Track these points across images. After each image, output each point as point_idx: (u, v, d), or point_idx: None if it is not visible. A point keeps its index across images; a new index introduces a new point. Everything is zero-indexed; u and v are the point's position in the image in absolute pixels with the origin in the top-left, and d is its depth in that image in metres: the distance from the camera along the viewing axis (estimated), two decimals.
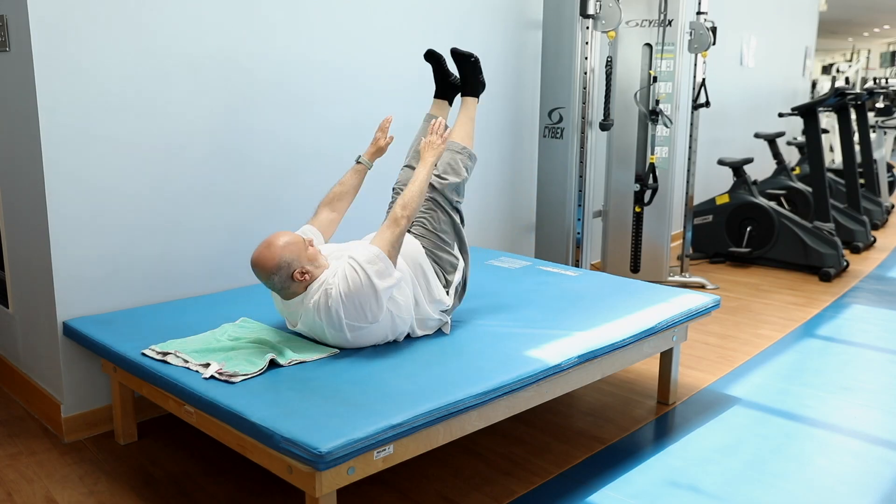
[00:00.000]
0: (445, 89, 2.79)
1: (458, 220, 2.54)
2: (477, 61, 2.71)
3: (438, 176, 2.52)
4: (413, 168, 2.62)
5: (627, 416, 2.81)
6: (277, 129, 3.05)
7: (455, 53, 2.71)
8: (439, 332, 2.44)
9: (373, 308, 2.15)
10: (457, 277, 2.47)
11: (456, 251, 2.52)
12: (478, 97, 2.74)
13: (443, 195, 2.51)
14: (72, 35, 2.42)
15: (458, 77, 2.77)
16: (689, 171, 4.72)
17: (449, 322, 2.46)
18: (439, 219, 2.49)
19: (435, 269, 2.43)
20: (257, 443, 1.81)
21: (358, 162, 2.57)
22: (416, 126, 3.61)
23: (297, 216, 3.15)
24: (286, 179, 3.11)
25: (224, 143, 2.89)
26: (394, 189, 2.67)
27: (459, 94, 2.78)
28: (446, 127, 2.46)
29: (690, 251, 5.12)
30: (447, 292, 2.44)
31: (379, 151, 2.59)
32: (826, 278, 4.84)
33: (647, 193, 4.38)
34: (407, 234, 2.46)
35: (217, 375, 2.02)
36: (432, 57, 2.77)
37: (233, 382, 1.99)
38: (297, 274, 2.15)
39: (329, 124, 3.24)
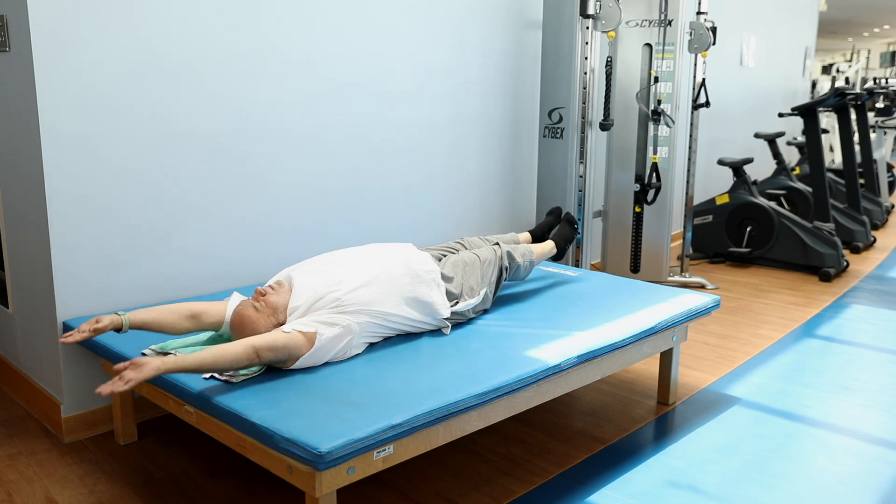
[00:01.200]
0: (542, 237, 3.19)
1: (496, 278, 2.68)
2: (577, 233, 3.18)
3: (508, 252, 2.75)
4: (484, 240, 2.90)
5: (627, 416, 2.81)
6: (278, 129, 3.05)
7: (567, 216, 3.19)
8: (439, 333, 2.44)
9: (342, 344, 2.15)
10: (468, 304, 2.50)
11: (482, 292, 2.57)
12: (557, 251, 3.07)
13: (503, 253, 2.72)
14: (72, 35, 2.42)
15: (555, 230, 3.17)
16: (689, 171, 4.72)
17: (449, 325, 2.47)
18: (491, 260, 2.67)
19: (445, 277, 2.48)
20: (257, 443, 1.81)
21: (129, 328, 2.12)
22: (416, 127, 3.62)
23: (297, 216, 3.16)
24: (286, 179, 3.11)
25: (224, 143, 2.89)
26: (458, 240, 2.88)
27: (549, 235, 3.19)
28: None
29: (690, 251, 5.12)
30: (450, 302, 2.47)
31: (106, 330, 2.07)
32: (826, 278, 4.84)
33: (651, 193, 4.38)
34: (416, 250, 2.55)
35: (217, 375, 2.02)
36: (557, 215, 3.22)
37: (233, 382, 1.99)
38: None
39: (329, 123, 3.24)
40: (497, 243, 2.82)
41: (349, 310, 2.18)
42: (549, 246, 3.05)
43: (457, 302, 2.49)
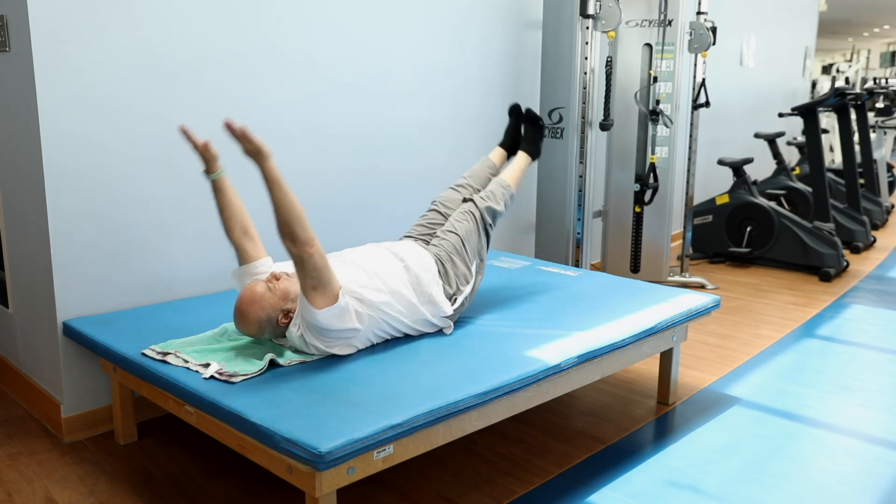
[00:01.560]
0: (514, 144, 2.97)
1: (485, 241, 2.61)
2: (543, 126, 2.94)
3: (482, 198, 2.64)
4: (458, 193, 2.76)
5: (627, 416, 2.81)
6: (278, 129, 3.05)
7: (526, 113, 2.95)
8: (439, 333, 2.44)
9: (349, 334, 2.16)
10: (465, 292, 2.49)
11: (473, 268, 2.54)
12: (532, 159, 2.92)
13: (481, 213, 2.61)
14: (72, 35, 2.43)
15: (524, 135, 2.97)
16: (689, 171, 4.72)
17: (451, 324, 2.47)
18: (469, 230, 2.57)
19: (438, 271, 2.44)
20: (257, 443, 1.81)
21: (211, 180, 2.32)
22: (416, 126, 3.62)
23: None
24: (286, 179, 3.10)
25: (224, 143, 2.88)
26: (433, 202, 2.74)
27: (519, 149, 2.96)
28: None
29: (690, 251, 5.12)
30: (452, 301, 2.46)
31: (212, 158, 2.28)
32: (826, 278, 4.84)
33: (648, 193, 4.38)
34: (412, 242, 2.51)
35: (217, 375, 2.02)
36: (517, 113, 2.96)
37: (233, 382, 1.99)
38: (281, 320, 2.15)
39: (329, 124, 3.24)
40: (471, 199, 2.65)
41: (366, 301, 2.21)
42: (523, 162, 2.89)
43: (455, 298, 2.48)
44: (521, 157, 2.91)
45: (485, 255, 2.63)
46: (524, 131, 2.95)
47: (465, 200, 2.70)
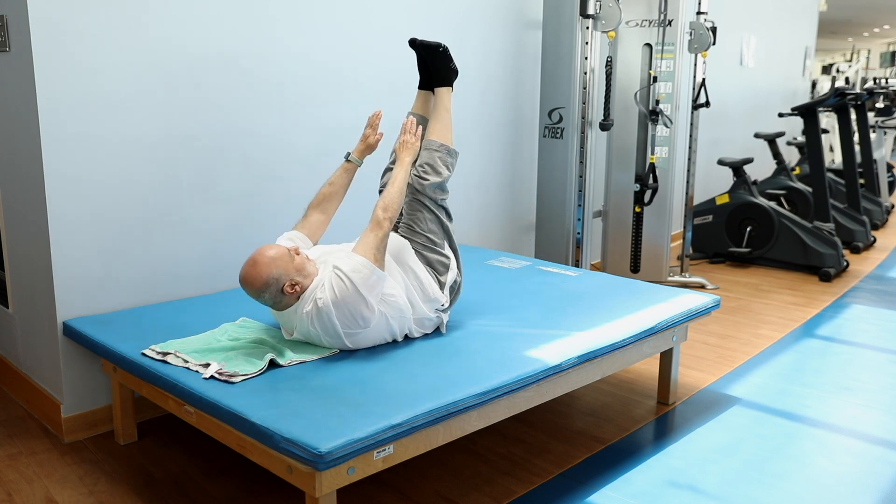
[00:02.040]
0: (429, 79, 2.69)
1: (444, 218, 2.50)
2: (445, 50, 2.62)
3: (419, 176, 2.47)
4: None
5: (627, 416, 2.81)
6: (278, 129, 3.05)
7: (421, 45, 2.62)
8: (438, 332, 2.44)
9: (364, 314, 2.16)
10: (450, 276, 2.47)
11: (447, 250, 2.50)
12: (451, 86, 2.64)
13: (425, 195, 2.47)
14: (72, 35, 2.42)
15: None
16: (689, 171, 4.72)
17: (444, 321, 2.46)
18: (425, 219, 2.47)
19: (427, 270, 2.43)
20: (257, 443, 1.81)
21: (347, 160, 2.54)
22: None
23: (296, 215, 3.15)
24: (286, 179, 3.11)
25: (224, 143, 2.89)
26: (380, 191, 2.66)
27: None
28: (419, 125, 2.48)
29: (690, 251, 5.12)
30: (442, 290, 2.44)
31: (369, 148, 2.56)
32: (826, 278, 4.84)
33: (648, 193, 4.38)
34: (397, 236, 2.47)
35: (217, 375, 2.02)
36: (416, 45, 2.65)
37: (233, 382, 1.99)
38: (286, 287, 2.15)
39: (329, 124, 3.24)
40: (412, 183, 2.47)
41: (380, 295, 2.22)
42: (444, 97, 2.62)
43: (444, 284, 2.46)
44: (439, 94, 2.64)
45: (451, 232, 2.52)
46: (435, 67, 2.65)
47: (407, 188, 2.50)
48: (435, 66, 2.64)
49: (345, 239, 2.66)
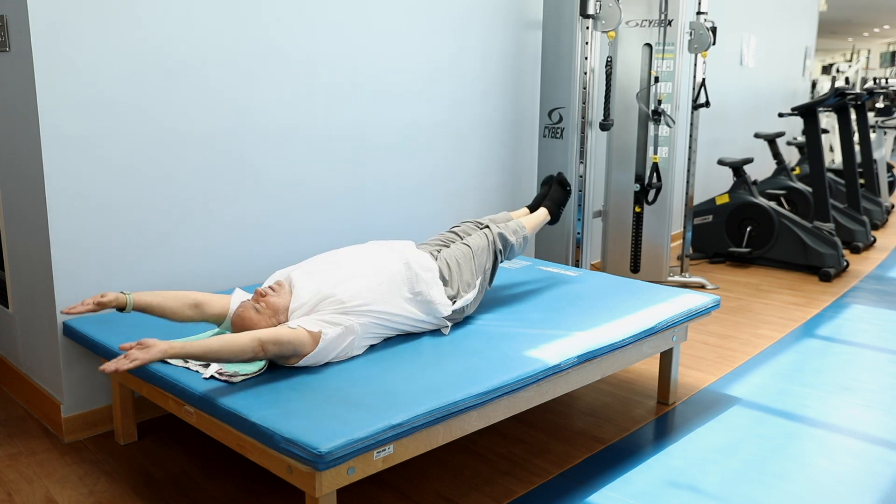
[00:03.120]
0: (537, 205, 3.10)
1: (492, 263, 2.66)
2: (570, 193, 3.12)
3: (498, 225, 2.75)
4: (461, 235, 2.78)
5: (627, 416, 2.81)
6: (278, 129, 3.05)
7: (559, 177, 3.13)
8: (438, 333, 2.44)
9: (345, 343, 2.14)
10: (466, 297, 2.49)
11: (477, 282, 2.55)
12: (551, 217, 3.06)
13: (494, 237, 2.69)
14: (72, 35, 2.42)
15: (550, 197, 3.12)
16: (689, 171, 4.72)
17: (448, 325, 2.47)
18: (482, 246, 2.64)
19: (445, 274, 2.46)
20: (257, 443, 1.81)
21: (132, 308, 2.13)
22: (417, 127, 3.62)
23: (297, 215, 3.16)
24: (286, 179, 3.11)
25: (224, 143, 2.89)
26: (453, 227, 2.84)
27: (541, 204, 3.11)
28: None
29: (690, 251, 5.12)
30: (452, 302, 2.46)
31: (114, 305, 2.07)
32: (826, 278, 4.84)
33: (651, 193, 4.38)
34: (415, 247, 2.55)
35: (217, 375, 2.02)
36: (548, 182, 3.14)
37: (233, 382, 1.99)
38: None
39: (329, 124, 3.24)
40: (487, 226, 2.76)
41: (352, 310, 2.18)
42: (542, 214, 3.02)
43: (455, 300, 2.48)
44: (542, 211, 3.04)
45: (489, 278, 2.66)
46: (551, 192, 3.11)
47: (481, 228, 2.80)
48: (554, 196, 3.10)
49: (341, 239, 2.65)
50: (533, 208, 3.11)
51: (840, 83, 13.73)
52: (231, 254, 2.95)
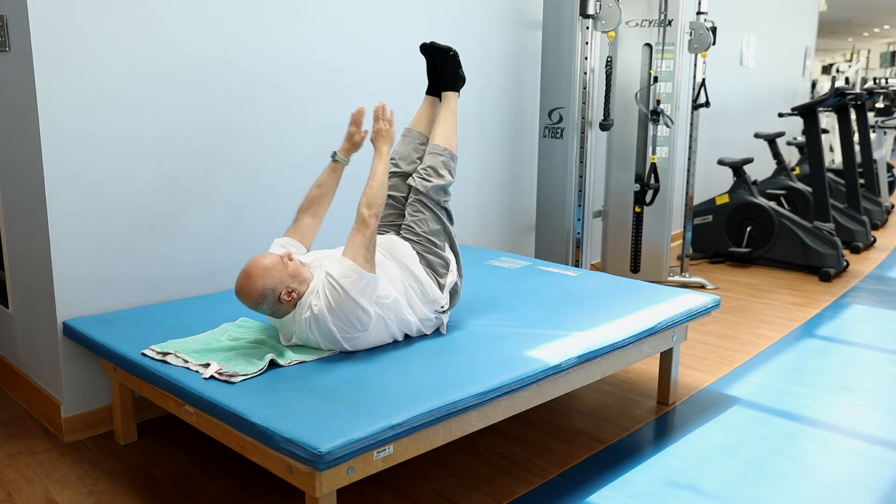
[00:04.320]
0: (438, 85, 2.73)
1: (446, 220, 2.51)
2: (456, 55, 2.67)
3: (422, 178, 2.50)
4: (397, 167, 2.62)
5: (627, 416, 2.81)
6: (277, 129, 3.05)
7: (433, 48, 2.68)
8: (438, 333, 2.44)
9: (360, 317, 2.15)
10: (450, 277, 2.47)
11: (447, 252, 2.49)
12: (458, 91, 2.69)
13: (428, 197, 2.49)
14: (72, 35, 2.43)
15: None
16: (689, 171, 4.72)
17: (445, 322, 2.46)
18: (427, 220, 2.48)
19: (427, 272, 2.43)
20: (257, 443, 1.81)
21: (334, 159, 2.50)
22: None
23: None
24: (286, 179, 3.11)
25: (224, 143, 2.89)
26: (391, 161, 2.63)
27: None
28: (391, 110, 2.40)
29: (690, 251, 5.12)
30: (441, 292, 2.44)
31: (354, 146, 2.50)
32: (826, 278, 4.84)
33: (649, 193, 4.38)
34: (397, 238, 2.48)
35: (217, 375, 2.02)
36: (426, 50, 2.70)
37: (233, 382, 1.99)
38: (283, 296, 2.13)
39: (329, 125, 3.24)
40: (415, 186, 2.52)
41: (379, 301, 2.22)
42: (451, 102, 2.65)
43: (443, 286, 2.45)
44: (446, 97, 2.67)
45: (452, 234, 2.53)
46: (440, 68, 2.70)
47: (410, 190, 2.56)
48: (444, 71, 2.67)
49: (337, 239, 2.65)
50: (432, 88, 2.74)
51: (840, 83, 13.73)
52: (231, 254, 2.95)
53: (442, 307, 2.42)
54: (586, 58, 3.96)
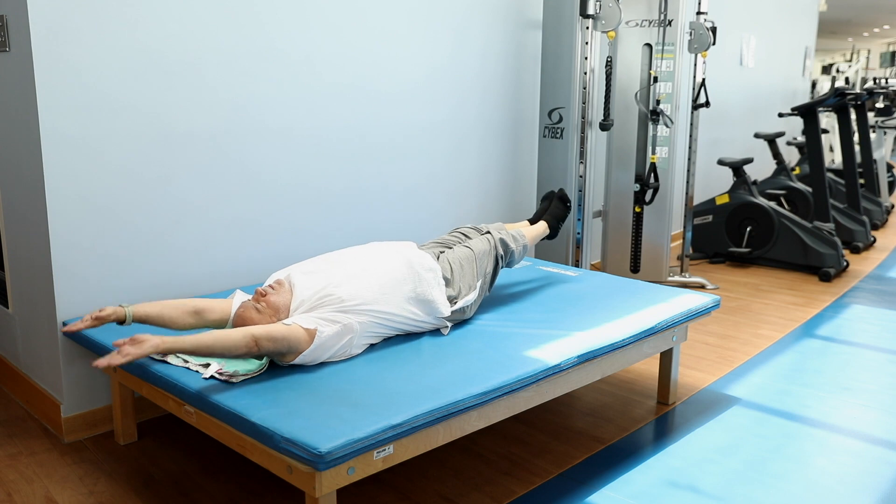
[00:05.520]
0: (538, 219, 3.15)
1: (492, 268, 2.68)
2: (569, 210, 3.18)
3: (499, 231, 2.78)
4: (462, 238, 2.82)
5: (627, 416, 2.81)
6: (277, 130, 3.05)
7: (560, 193, 3.20)
8: (438, 333, 2.44)
9: (342, 338, 2.14)
10: (467, 299, 2.50)
11: (478, 284, 2.58)
12: (550, 231, 3.12)
13: (496, 242, 2.71)
14: (72, 35, 2.42)
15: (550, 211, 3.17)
16: (689, 171, 4.72)
17: (448, 325, 2.47)
18: (484, 250, 2.67)
19: (447, 275, 2.47)
20: (257, 443, 1.81)
21: (132, 322, 2.11)
22: (417, 127, 3.62)
23: (297, 216, 3.16)
24: (286, 179, 3.11)
25: (224, 143, 2.89)
26: (454, 229, 2.90)
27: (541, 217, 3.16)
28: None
29: (690, 251, 5.12)
30: (452, 303, 2.46)
31: (113, 319, 2.06)
32: (826, 278, 4.84)
33: (649, 193, 4.38)
34: (416, 248, 2.55)
35: (217, 375, 2.02)
36: (559, 199, 3.18)
37: (233, 382, 2.00)
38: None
39: (329, 125, 3.24)
40: (489, 232, 2.80)
41: (351, 309, 2.18)
42: (541, 227, 3.08)
43: (456, 300, 2.48)
44: (541, 224, 3.10)
45: (489, 282, 2.67)
46: (551, 207, 3.16)
47: (482, 233, 2.82)
48: (554, 211, 3.15)
49: (341, 243, 2.65)
50: (533, 221, 3.15)
51: (840, 83, 13.73)
52: (230, 254, 2.95)
53: (442, 315, 2.43)
54: (586, 58, 3.96)
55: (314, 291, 2.20)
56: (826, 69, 18.53)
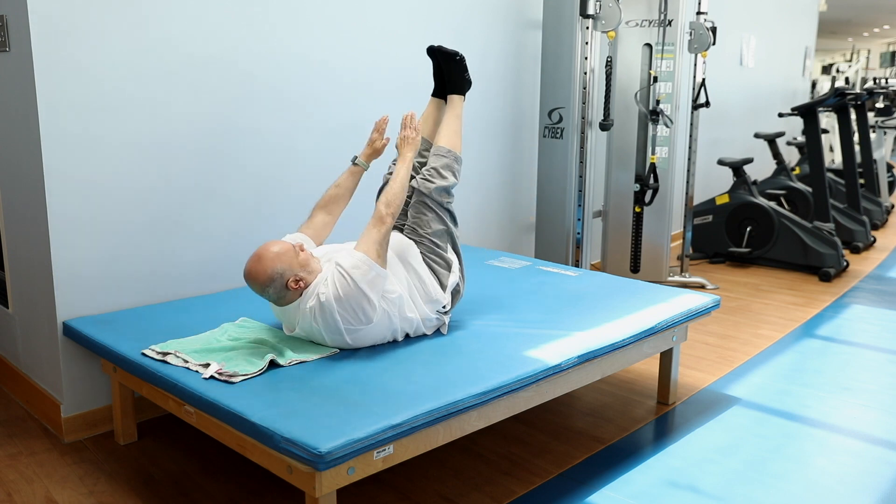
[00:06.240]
0: (443, 88, 2.75)
1: (449, 221, 2.53)
2: (462, 59, 2.70)
3: (425, 179, 2.50)
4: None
5: (627, 416, 2.81)
6: (277, 130, 3.05)
7: (439, 51, 2.70)
8: (438, 333, 2.44)
9: (366, 309, 2.16)
10: (452, 278, 2.47)
11: (450, 253, 2.51)
12: (464, 95, 2.72)
13: (431, 198, 2.49)
14: (72, 35, 2.43)
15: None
16: (689, 171, 4.72)
17: (447, 322, 2.46)
18: (430, 221, 2.49)
19: (430, 271, 2.43)
20: (257, 443, 1.81)
21: (354, 163, 2.56)
22: None
23: (296, 216, 3.15)
24: (286, 180, 3.11)
25: (224, 144, 2.89)
26: (380, 190, 2.62)
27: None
28: (418, 119, 2.49)
29: (690, 251, 5.12)
30: (444, 292, 2.44)
31: (375, 153, 2.57)
32: (826, 278, 4.84)
33: (648, 193, 4.38)
34: (402, 236, 2.48)
35: (217, 375, 2.02)
36: (433, 53, 2.73)
37: (233, 382, 2.00)
38: (290, 283, 2.15)
39: (329, 125, 3.24)
40: (418, 187, 2.51)
41: (385, 295, 2.23)
42: (456, 105, 2.68)
43: (445, 286, 2.46)
44: (452, 101, 2.70)
45: (455, 234, 2.54)
46: (446, 71, 2.71)
47: (413, 191, 2.54)
48: (450, 74, 2.70)
49: (350, 238, 2.66)
50: (438, 92, 2.77)
51: (840, 83, 13.72)
52: (231, 254, 2.95)
53: (444, 307, 2.43)
54: (586, 58, 3.96)
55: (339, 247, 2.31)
56: (826, 69, 18.53)
